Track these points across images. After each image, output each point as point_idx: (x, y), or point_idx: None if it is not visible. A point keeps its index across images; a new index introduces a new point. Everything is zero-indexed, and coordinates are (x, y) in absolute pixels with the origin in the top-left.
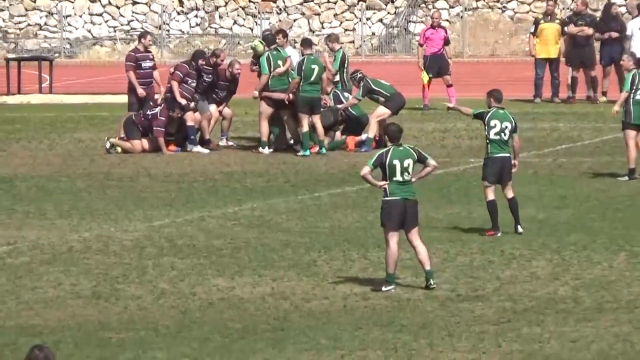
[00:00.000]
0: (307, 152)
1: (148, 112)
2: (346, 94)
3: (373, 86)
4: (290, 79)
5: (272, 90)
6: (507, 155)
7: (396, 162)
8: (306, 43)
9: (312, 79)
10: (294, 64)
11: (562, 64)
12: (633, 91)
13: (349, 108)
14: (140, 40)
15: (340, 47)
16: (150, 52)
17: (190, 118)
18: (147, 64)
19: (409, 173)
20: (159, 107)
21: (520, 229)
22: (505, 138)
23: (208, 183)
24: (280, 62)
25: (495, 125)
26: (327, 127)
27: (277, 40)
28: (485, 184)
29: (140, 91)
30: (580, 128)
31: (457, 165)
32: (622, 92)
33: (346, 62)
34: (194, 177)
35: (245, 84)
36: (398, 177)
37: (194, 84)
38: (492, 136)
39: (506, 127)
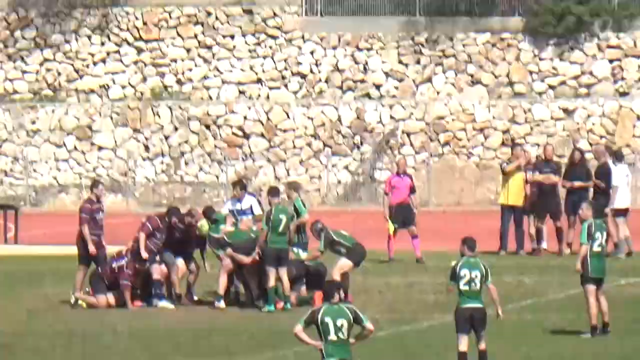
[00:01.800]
0: (272, 308)
1: (114, 264)
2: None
3: (334, 237)
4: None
5: (234, 245)
6: (479, 305)
7: (328, 319)
8: (273, 192)
9: (280, 229)
10: (254, 209)
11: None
12: (591, 242)
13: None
14: (92, 190)
15: (297, 196)
16: (101, 202)
17: (157, 272)
18: (100, 215)
19: (343, 333)
20: (124, 259)
21: None
22: (477, 288)
23: (173, 340)
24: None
25: (465, 275)
26: (292, 280)
27: (234, 193)
28: (458, 335)
29: (92, 249)
30: (545, 282)
31: (422, 321)
32: (581, 246)
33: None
34: (159, 334)
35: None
36: (332, 336)
37: (162, 239)
38: (462, 286)
39: (476, 276)
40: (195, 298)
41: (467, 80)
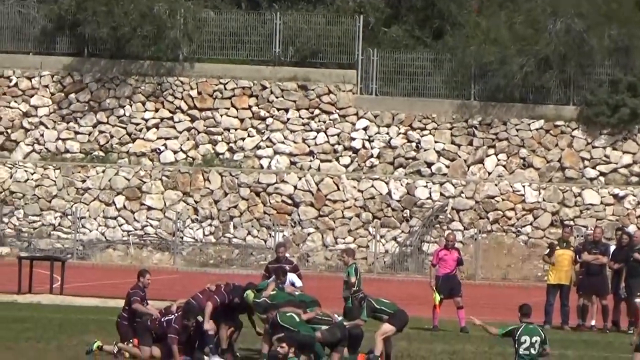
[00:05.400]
0: None
1: (163, 319)
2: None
3: (376, 305)
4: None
5: (277, 306)
6: None
7: None
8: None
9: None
10: (296, 284)
11: (572, 291)
12: None
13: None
14: (139, 279)
15: (354, 262)
16: (146, 292)
17: (210, 326)
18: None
19: None
20: (174, 315)
21: None
22: (535, 352)
23: None
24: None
25: (525, 340)
26: (334, 343)
27: (277, 281)
28: None
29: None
30: (588, 356)
31: None
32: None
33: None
34: None
35: None
36: None
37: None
38: (521, 351)
39: (536, 341)
40: (237, 355)
41: (518, 163)
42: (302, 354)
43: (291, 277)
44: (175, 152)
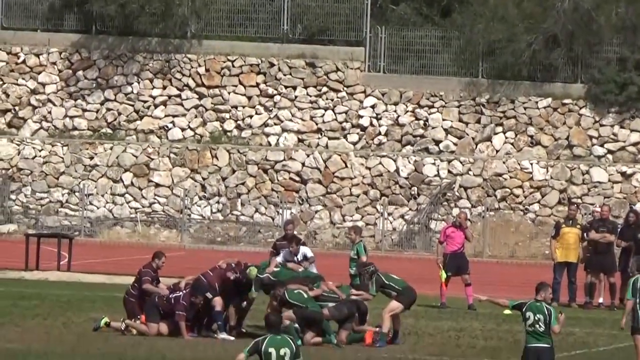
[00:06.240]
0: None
1: (171, 296)
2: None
3: (385, 280)
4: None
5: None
6: (545, 345)
7: (271, 350)
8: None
9: None
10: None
11: (580, 269)
12: (638, 297)
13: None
14: (154, 259)
15: (361, 240)
16: (158, 272)
17: (219, 304)
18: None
19: None
20: (182, 292)
21: None
22: (541, 330)
23: None
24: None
25: (529, 317)
26: (342, 320)
27: (290, 249)
28: None
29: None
30: (596, 334)
31: None
32: (627, 301)
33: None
34: None
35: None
36: None
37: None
38: (527, 327)
39: (539, 319)
40: (244, 330)
41: (526, 141)
42: (310, 330)
43: (304, 249)
44: (183, 130)
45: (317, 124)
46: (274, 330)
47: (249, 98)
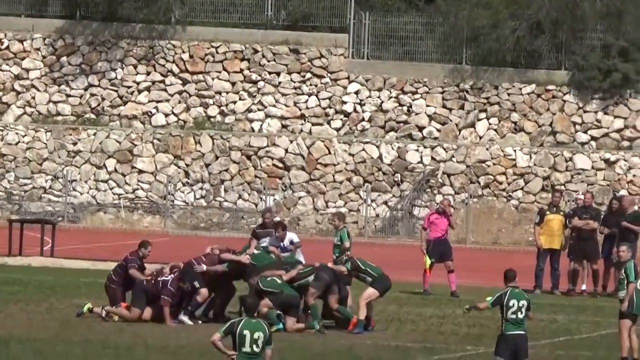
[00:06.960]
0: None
1: (159, 279)
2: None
3: (360, 265)
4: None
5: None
6: (522, 332)
7: (246, 332)
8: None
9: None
10: (294, 241)
11: (563, 256)
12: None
13: None
14: (140, 248)
15: (344, 226)
16: (143, 261)
17: (202, 296)
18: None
19: (258, 346)
20: (171, 275)
21: None
22: (521, 316)
23: (204, 356)
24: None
25: (514, 304)
26: (327, 286)
27: (277, 234)
28: (496, 358)
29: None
30: (578, 321)
31: (453, 352)
32: (628, 284)
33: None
34: (191, 349)
35: None
36: (247, 348)
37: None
38: (509, 315)
39: (523, 305)
40: (227, 316)
41: (510, 127)
42: (288, 316)
43: (290, 235)
44: (166, 115)
45: (300, 110)
46: (249, 313)
47: (233, 84)
